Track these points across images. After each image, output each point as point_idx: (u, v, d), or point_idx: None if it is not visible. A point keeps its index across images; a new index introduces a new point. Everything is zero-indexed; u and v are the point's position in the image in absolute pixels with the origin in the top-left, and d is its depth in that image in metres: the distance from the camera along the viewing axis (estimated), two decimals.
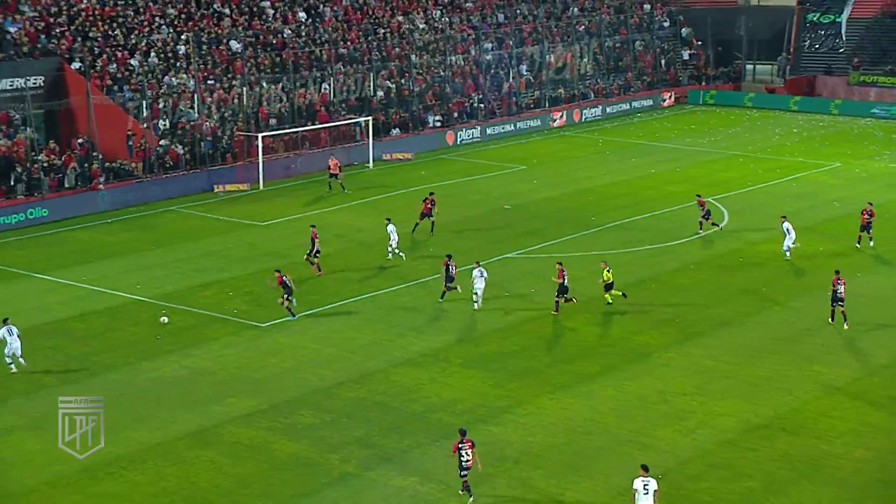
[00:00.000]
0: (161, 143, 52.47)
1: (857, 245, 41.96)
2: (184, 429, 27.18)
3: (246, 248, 42.68)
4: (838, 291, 34.03)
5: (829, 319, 34.45)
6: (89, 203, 48.21)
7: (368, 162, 57.95)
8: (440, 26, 68.85)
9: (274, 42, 59.97)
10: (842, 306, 34.13)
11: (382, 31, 65.64)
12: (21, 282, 38.61)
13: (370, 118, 58.99)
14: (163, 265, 40.52)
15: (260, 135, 53.85)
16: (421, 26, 68.23)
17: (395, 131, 62.53)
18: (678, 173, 56.19)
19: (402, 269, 39.66)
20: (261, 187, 52.92)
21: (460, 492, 24.19)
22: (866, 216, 41.70)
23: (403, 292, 37.49)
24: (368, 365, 31.22)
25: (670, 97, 77.59)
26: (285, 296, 34.59)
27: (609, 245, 43.04)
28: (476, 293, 35.74)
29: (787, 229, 40.56)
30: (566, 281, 35.10)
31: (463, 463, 23.75)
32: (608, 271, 35.83)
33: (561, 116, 70.40)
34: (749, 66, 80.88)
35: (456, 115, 65.63)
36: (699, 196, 45.28)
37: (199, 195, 51.29)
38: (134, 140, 51.40)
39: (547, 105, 70.84)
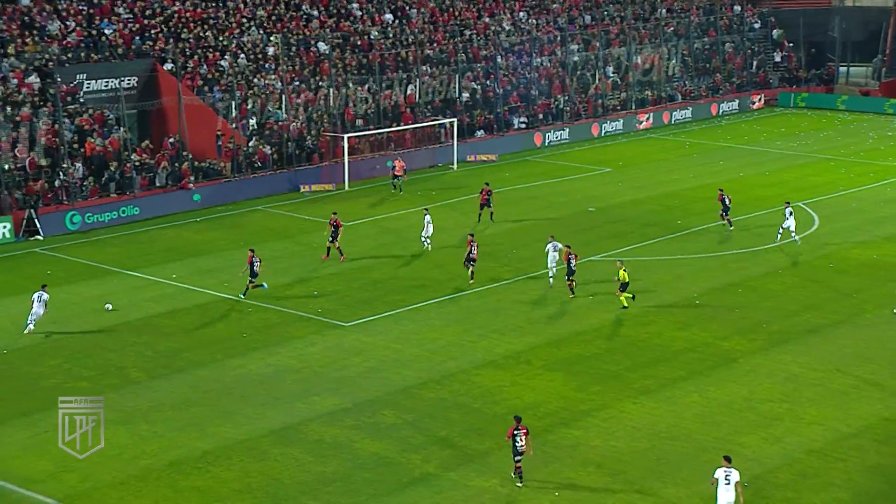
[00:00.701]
0: (250, 143, 53.30)
1: None
2: (268, 426, 27.58)
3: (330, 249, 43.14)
4: None
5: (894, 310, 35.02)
6: (179, 202, 49.21)
7: (452, 163, 58.12)
8: (526, 28, 68.78)
9: (360, 43, 60.52)
10: None
11: (468, 32, 65.80)
12: (113, 279, 39.56)
13: (455, 119, 59.17)
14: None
15: (346, 135, 54.38)
16: (507, 28, 68.24)
17: (480, 133, 62.61)
18: (767, 177, 55.29)
19: (485, 272, 39.71)
20: (346, 187, 53.44)
21: (512, 475, 24.58)
22: None
23: (486, 294, 37.53)
24: (450, 366, 31.33)
25: (760, 100, 76.37)
26: (242, 271, 36.63)
27: (695, 249, 42.55)
28: (551, 268, 37.92)
29: (789, 214, 42.16)
30: (573, 264, 36.45)
31: (517, 448, 24.45)
32: (624, 270, 35.62)
33: (647, 119, 69.77)
34: (842, 69, 79.19)
35: (541, 116, 65.49)
36: (721, 190, 45.37)
37: (286, 195, 51.98)
38: (223, 140, 52.30)
39: (633, 107, 70.27)
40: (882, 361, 31.59)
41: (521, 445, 24.43)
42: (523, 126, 64.67)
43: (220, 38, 56.10)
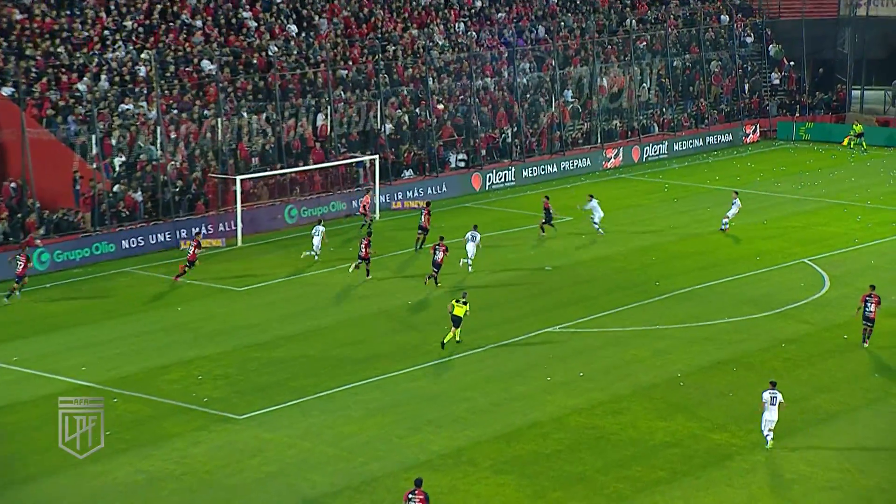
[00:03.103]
0: (115, 187, 53.02)
1: None
2: None
3: (220, 321, 42.94)
4: (868, 311, 39.45)
5: (863, 342, 39.82)
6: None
7: (374, 212, 58.33)
8: (465, 42, 69.54)
9: (257, 62, 60.73)
10: (870, 327, 39.66)
11: (392, 48, 66.40)
12: None
13: (376, 157, 59.48)
14: (116, 341, 40.78)
15: (238, 178, 54.35)
16: (440, 42, 68.96)
17: (408, 173, 62.97)
18: (765, 227, 56.27)
19: (415, 349, 39.78)
20: (239, 243, 53.29)
21: None
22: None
23: (419, 375, 37.56)
24: (373, 468, 31.24)
25: (755, 131, 77.99)
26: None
27: (678, 317, 43.05)
28: (469, 257, 47.95)
29: (594, 206, 53.57)
30: (439, 258, 45.58)
31: None
32: (461, 303, 39.43)
33: (616, 155, 70.81)
34: (855, 93, 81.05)
35: (484, 153, 66.09)
36: (547, 198, 54.63)
37: (162, 253, 51.69)
38: (81, 184, 51.98)
39: (599, 141, 71.25)
40: None
41: None
42: (462, 165, 65.17)
43: (77, 56, 55.99)
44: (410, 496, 26.82)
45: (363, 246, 47.01)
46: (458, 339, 39.58)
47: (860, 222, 56.84)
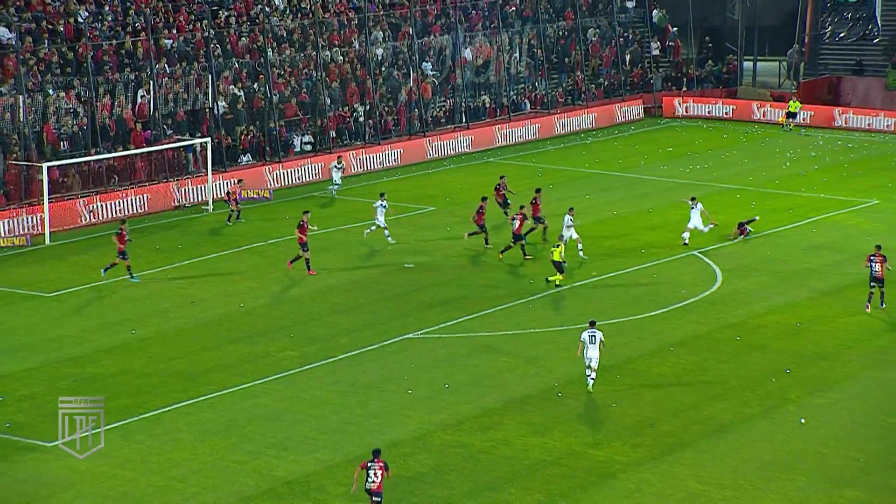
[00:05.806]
0: None
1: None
2: None
3: (25, 332, 42.24)
4: (874, 271, 43.42)
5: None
6: None
7: (207, 204, 57.83)
8: (308, 7, 69.33)
9: (64, 29, 59.76)
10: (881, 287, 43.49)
11: (224, 13, 65.89)
12: None
13: (208, 140, 58.98)
14: None
15: (45, 165, 53.49)
16: (280, 7, 68.65)
17: (246, 158, 62.55)
18: (650, 216, 57.09)
19: (257, 359, 39.56)
20: (47, 241, 52.49)
21: None
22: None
23: (259, 391, 37.36)
24: (206, 500, 31.01)
25: (638, 108, 78.95)
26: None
27: (554, 320, 43.46)
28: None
29: (700, 211, 52.15)
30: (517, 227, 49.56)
31: (367, 484, 28.90)
32: (556, 246, 46.26)
33: (483, 135, 71.12)
34: (747, 64, 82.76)
35: (333, 134, 65.95)
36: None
37: None
38: None
39: (463, 119, 71.58)
40: (814, 472, 32.72)
41: (373, 482, 28.79)
42: (308, 148, 64.95)
43: None
44: (370, 464, 29.05)
45: (478, 214, 51.28)
46: (549, 278, 46.31)
47: (754, 210, 57.90)
